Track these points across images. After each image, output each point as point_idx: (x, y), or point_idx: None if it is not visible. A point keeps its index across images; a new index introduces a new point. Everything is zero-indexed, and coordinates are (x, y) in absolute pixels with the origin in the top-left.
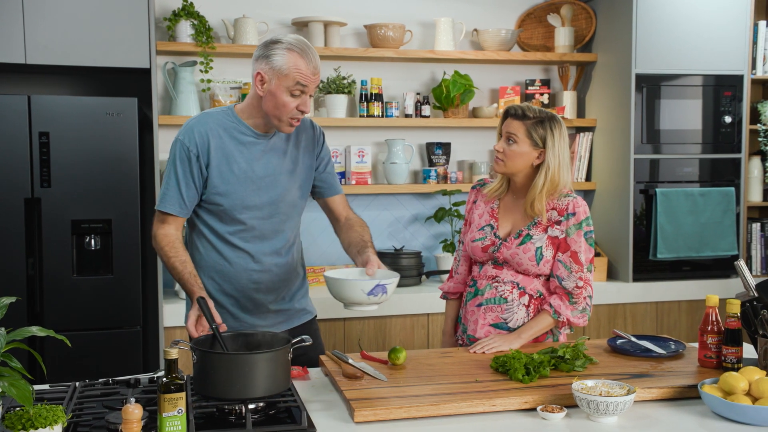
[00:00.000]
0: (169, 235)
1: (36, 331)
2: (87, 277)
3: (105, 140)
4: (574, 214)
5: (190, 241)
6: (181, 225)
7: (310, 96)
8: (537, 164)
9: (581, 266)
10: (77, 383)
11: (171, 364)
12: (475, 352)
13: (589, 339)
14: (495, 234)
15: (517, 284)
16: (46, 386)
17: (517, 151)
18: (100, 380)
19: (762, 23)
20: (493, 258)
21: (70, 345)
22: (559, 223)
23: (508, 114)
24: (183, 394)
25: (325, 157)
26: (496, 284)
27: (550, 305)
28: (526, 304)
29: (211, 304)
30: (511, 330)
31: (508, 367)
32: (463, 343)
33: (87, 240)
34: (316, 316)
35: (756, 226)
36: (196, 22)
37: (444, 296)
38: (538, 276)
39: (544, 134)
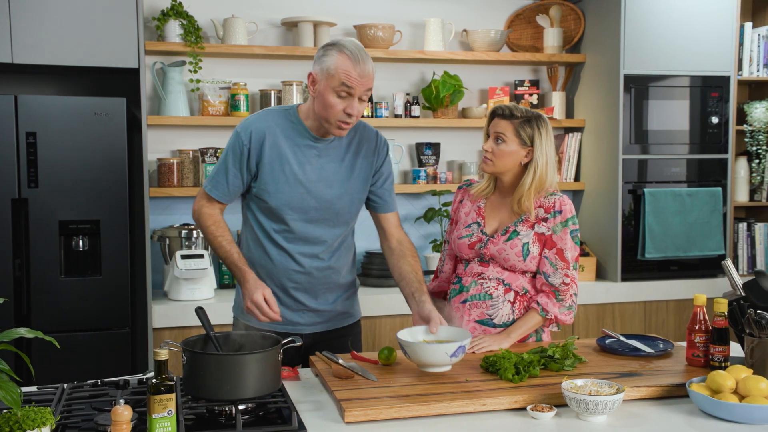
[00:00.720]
0: (215, 215)
1: (24, 332)
2: (75, 278)
3: (93, 140)
4: (560, 212)
5: (242, 232)
6: (223, 210)
7: (361, 100)
8: (525, 163)
9: (567, 263)
10: (65, 385)
11: (161, 365)
12: None
13: (578, 338)
14: (482, 231)
15: (503, 281)
16: (33, 388)
17: (506, 150)
18: (88, 382)
19: (748, 25)
20: (479, 255)
21: (59, 347)
22: (545, 220)
23: (495, 114)
24: (173, 395)
25: (384, 171)
26: (482, 281)
27: (538, 303)
28: (512, 300)
29: (268, 292)
30: (496, 326)
31: (497, 366)
32: None
33: (75, 241)
34: (359, 320)
35: (742, 226)
36: (185, 22)
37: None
38: (524, 273)
39: (532, 133)
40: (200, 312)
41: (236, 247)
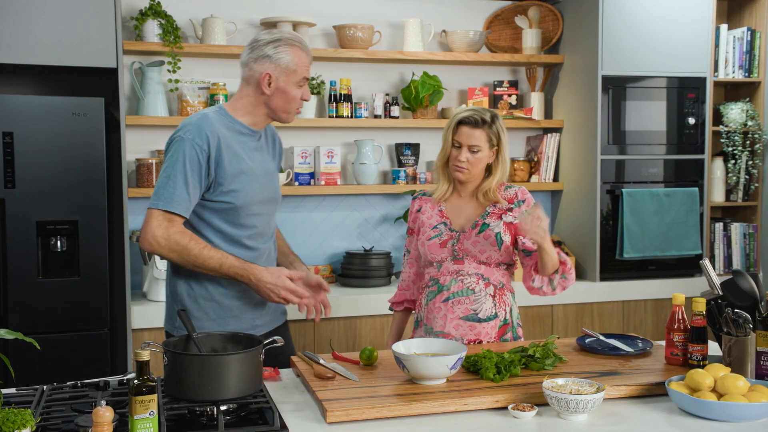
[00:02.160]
0: (185, 232)
1: (4, 333)
2: (53, 279)
3: (71, 140)
4: (524, 200)
5: None
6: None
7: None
8: (490, 162)
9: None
10: (45, 386)
11: (142, 366)
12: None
13: (558, 338)
14: (450, 228)
15: (482, 275)
16: (12, 390)
17: (481, 157)
18: (68, 383)
19: (723, 27)
20: (452, 253)
21: (39, 348)
22: (510, 210)
23: (463, 123)
24: (155, 396)
25: (280, 159)
26: (461, 277)
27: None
28: (492, 294)
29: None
30: (482, 321)
31: (479, 366)
32: None
33: (53, 241)
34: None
35: (719, 226)
36: (163, 22)
37: (390, 308)
38: (498, 265)
39: (498, 132)
40: (183, 314)
41: (221, 251)
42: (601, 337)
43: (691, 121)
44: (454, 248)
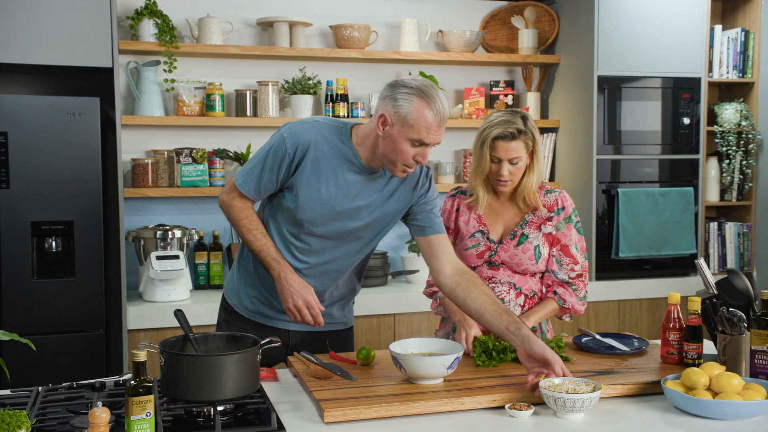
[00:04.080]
0: (246, 208)
1: (0, 334)
2: (48, 279)
3: (66, 140)
4: (563, 208)
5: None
6: (253, 205)
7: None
8: (527, 163)
9: (572, 258)
10: (40, 388)
11: (139, 367)
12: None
13: (567, 336)
14: (488, 238)
15: (514, 285)
16: (7, 391)
17: (521, 166)
18: (63, 384)
19: (718, 28)
20: (488, 261)
21: (35, 349)
22: (550, 219)
23: (500, 138)
24: (152, 397)
25: (430, 198)
26: (493, 285)
27: (555, 293)
28: (522, 304)
29: (311, 293)
30: None
31: (475, 352)
32: None
33: (48, 242)
34: (352, 327)
35: (713, 225)
36: (159, 22)
37: (438, 296)
38: (533, 275)
39: (533, 134)
40: (179, 314)
41: (272, 241)
42: (597, 337)
43: (686, 121)
44: (491, 258)
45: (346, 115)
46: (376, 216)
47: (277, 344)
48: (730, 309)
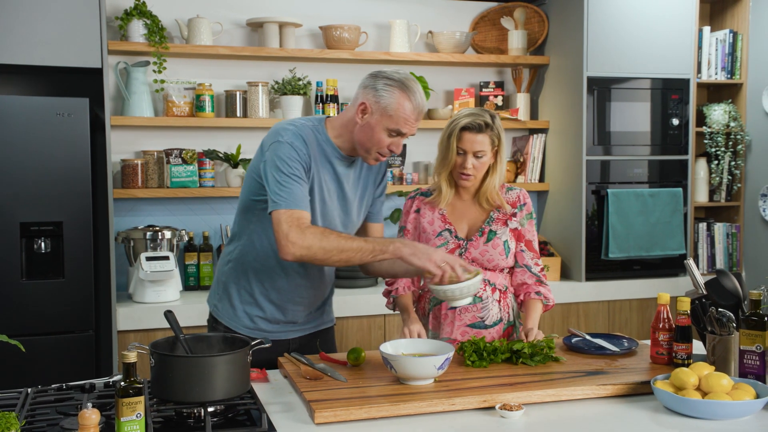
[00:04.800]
0: (319, 226)
1: None
2: (37, 280)
3: (55, 141)
4: (524, 204)
5: (242, 236)
6: None
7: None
8: (491, 163)
9: (535, 252)
10: (29, 389)
11: (129, 368)
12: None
13: (558, 337)
14: (456, 237)
15: (488, 281)
16: None
17: (485, 161)
18: (53, 386)
19: (706, 29)
20: None
21: (24, 350)
22: (515, 215)
23: (467, 129)
24: (142, 398)
25: (383, 184)
26: None
27: (538, 293)
28: (498, 299)
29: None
30: (488, 327)
31: (466, 352)
32: None
33: (37, 243)
34: (334, 325)
35: (702, 226)
36: (148, 22)
37: (392, 296)
38: (502, 270)
39: (499, 132)
40: (169, 315)
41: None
42: (588, 337)
43: (675, 122)
44: (461, 257)
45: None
46: (359, 206)
47: (267, 345)
48: (719, 309)
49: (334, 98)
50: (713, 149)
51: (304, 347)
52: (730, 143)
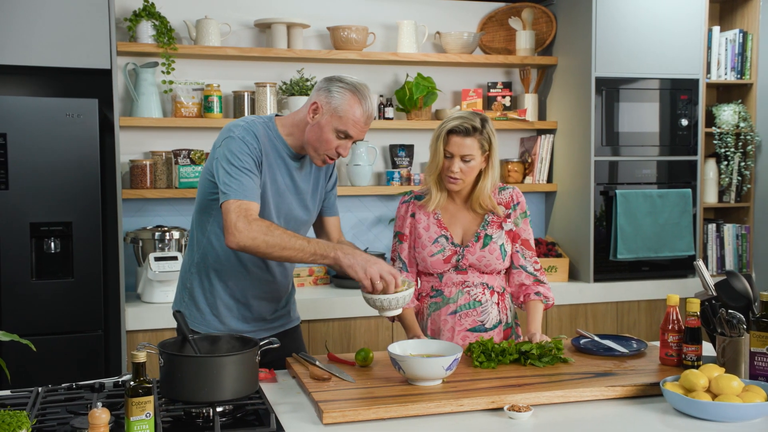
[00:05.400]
0: (266, 220)
1: (0, 335)
2: (46, 280)
3: (65, 142)
4: (518, 203)
5: (201, 239)
6: None
7: (354, 142)
8: (482, 168)
9: (533, 251)
10: (40, 388)
11: (138, 368)
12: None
13: (566, 338)
14: (452, 243)
15: (487, 284)
16: (7, 392)
17: (474, 165)
18: (63, 385)
19: (716, 29)
20: (456, 266)
21: (35, 349)
22: (509, 216)
23: (453, 132)
24: (151, 398)
25: (334, 177)
26: (468, 289)
27: (538, 294)
28: (497, 302)
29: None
30: (488, 330)
31: (474, 353)
32: None
33: (46, 243)
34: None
35: (711, 227)
36: (157, 23)
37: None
38: (499, 272)
39: (489, 137)
40: (179, 315)
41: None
42: (596, 338)
43: (684, 122)
44: (458, 263)
45: None
46: (312, 199)
47: (276, 346)
48: (729, 311)
49: None
50: (723, 150)
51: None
52: (740, 144)
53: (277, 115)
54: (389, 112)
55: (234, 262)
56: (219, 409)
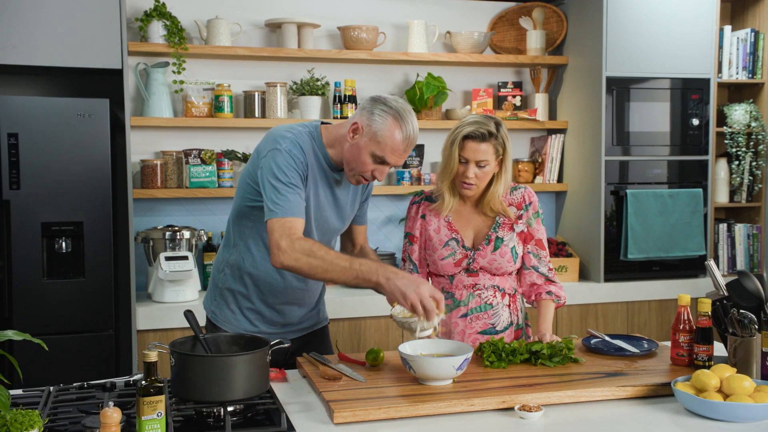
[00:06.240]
0: (309, 239)
1: (12, 335)
2: (58, 280)
3: (76, 141)
4: (531, 203)
5: (237, 241)
6: None
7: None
8: (495, 172)
9: (546, 250)
10: (51, 388)
11: (150, 367)
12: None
13: (577, 338)
14: (463, 246)
15: (498, 287)
16: (19, 391)
17: (489, 171)
18: (74, 384)
19: (727, 28)
20: (467, 268)
21: (47, 349)
22: (520, 217)
23: (469, 138)
24: (162, 397)
25: (370, 188)
26: (479, 292)
27: (549, 293)
28: (508, 304)
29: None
30: (498, 333)
31: (484, 353)
32: None
33: (57, 243)
34: (328, 324)
35: (722, 227)
36: (168, 23)
37: None
38: (510, 274)
39: (503, 141)
40: (189, 315)
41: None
42: (607, 338)
43: (695, 122)
44: (469, 266)
45: None
46: (350, 210)
47: (287, 345)
48: (741, 311)
49: (353, 98)
50: (734, 149)
51: (302, 349)
52: (751, 143)
53: (323, 123)
54: None
55: (270, 269)
56: (230, 409)
